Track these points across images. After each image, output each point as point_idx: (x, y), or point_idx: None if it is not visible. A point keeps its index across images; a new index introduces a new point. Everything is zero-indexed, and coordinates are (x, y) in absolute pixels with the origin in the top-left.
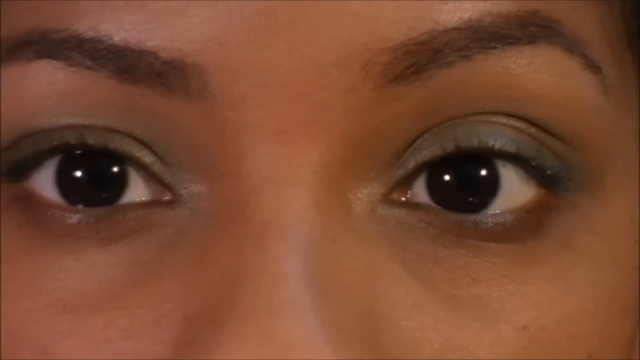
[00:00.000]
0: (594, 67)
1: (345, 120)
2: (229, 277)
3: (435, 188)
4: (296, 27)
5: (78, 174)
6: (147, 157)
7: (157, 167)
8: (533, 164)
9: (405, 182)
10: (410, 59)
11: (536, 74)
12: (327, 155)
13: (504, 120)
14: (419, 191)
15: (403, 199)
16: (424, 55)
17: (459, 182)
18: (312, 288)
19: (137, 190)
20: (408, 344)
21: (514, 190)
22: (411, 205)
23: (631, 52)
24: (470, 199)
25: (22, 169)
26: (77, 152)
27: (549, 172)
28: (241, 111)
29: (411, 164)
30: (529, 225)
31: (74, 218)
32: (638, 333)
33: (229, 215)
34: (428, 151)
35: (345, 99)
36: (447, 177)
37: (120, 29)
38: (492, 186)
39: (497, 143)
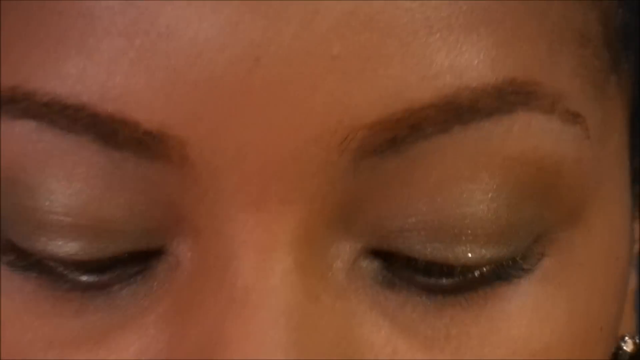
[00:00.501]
0: (575, 117)
1: (323, 190)
2: (212, 339)
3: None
4: (273, 105)
5: None
6: (130, 225)
7: (141, 227)
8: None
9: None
10: (388, 134)
11: (513, 140)
12: (306, 221)
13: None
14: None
15: (389, 250)
16: (402, 131)
17: None
18: (294, 354)
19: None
20: None
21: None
22: (391, 258)
23: (616, 74)
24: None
25: None
26: None
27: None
28: (221, 180)
29: (393, 234)
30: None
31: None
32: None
33: (212, 275)
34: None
35: (322, 171)
36: None
37: (103, 98)
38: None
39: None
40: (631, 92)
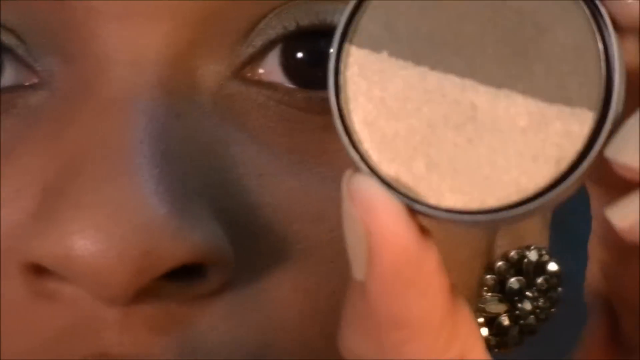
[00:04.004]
0: None
1: (185, 5)
2: (80, 150)
3: (288, 65)
4: None
5: None
6: (10, 41)
7: (21, 50)
8: None
9: (257, 60)
10: None
11: None
12: (171, 36)
13: None
14: (273, 69)
15: (255, 77)
16: None
17: (311, 58)
18: (152, 158)
19: (8, 76)
20: (257, 208)
21: None
22: (262, 83)
23: None
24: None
25: None
26: None
27: None
28: None
29: (258, 43)
30: None
31: None
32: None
33: (81, 94)
34: (273, 31)
35: None
36: (299, 55)
37: None
38: None
39: (335, 18)
40: None
